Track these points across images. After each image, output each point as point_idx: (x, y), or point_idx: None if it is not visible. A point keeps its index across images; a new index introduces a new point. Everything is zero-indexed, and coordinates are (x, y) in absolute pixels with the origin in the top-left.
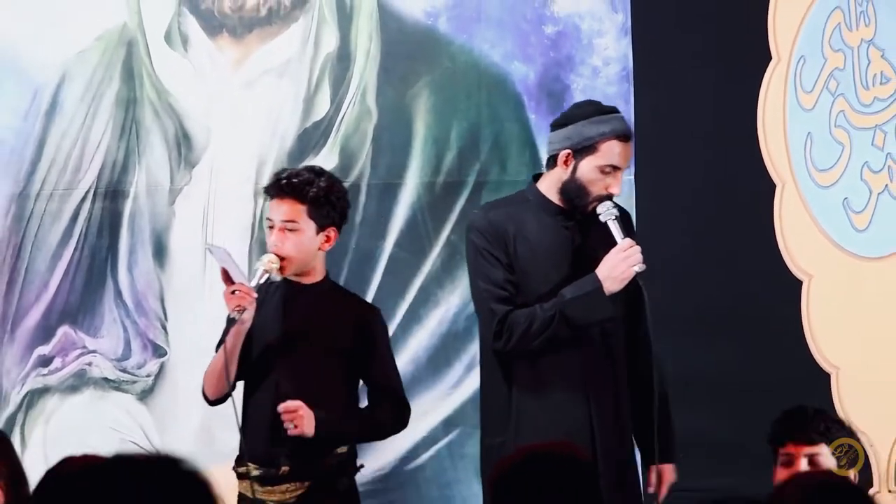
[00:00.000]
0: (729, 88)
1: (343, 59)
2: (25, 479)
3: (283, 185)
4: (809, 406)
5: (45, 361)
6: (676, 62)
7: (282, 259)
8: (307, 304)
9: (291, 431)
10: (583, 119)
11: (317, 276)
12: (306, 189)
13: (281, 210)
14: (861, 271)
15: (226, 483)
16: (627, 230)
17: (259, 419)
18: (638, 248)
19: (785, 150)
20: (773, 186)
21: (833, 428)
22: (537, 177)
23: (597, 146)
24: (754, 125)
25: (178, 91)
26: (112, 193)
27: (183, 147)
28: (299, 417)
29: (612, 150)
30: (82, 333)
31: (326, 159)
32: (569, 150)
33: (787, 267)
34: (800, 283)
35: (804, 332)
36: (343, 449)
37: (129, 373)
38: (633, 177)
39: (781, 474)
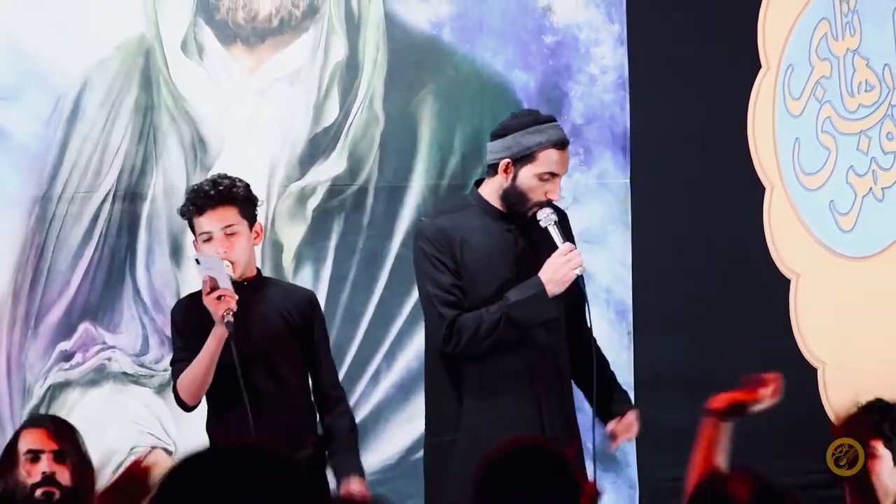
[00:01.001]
0: (720, 95)
1: (351, 67)
2: (91, 465)
3: (213, 194)
4: (883, 399)
5: (67, 356)
6: (670, 70)
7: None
8: (256, 300)
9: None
10: (521, 129)
11: (253, 271)
12: (234, 191)
13: (217, 217)
14: (847, 270)
15: None
16: (566, 233)
17: (243, 418)
18: (578, 251)
19: (774, 154)
20: (763, 189)
21: (886, 424)
22: (479, 182)
23: (535, 155)
24: (745, 131)
25: (193, 98)
26: (131, 196)
27: (198, 151)
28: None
29: (549, 159)
30: (102, 330)
31: (336, 163)
32: (508, 159)
33: (775, 266)
34: (788, 281)
35: (792, 328)
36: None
37: (146, 367)
38: (628, 180)
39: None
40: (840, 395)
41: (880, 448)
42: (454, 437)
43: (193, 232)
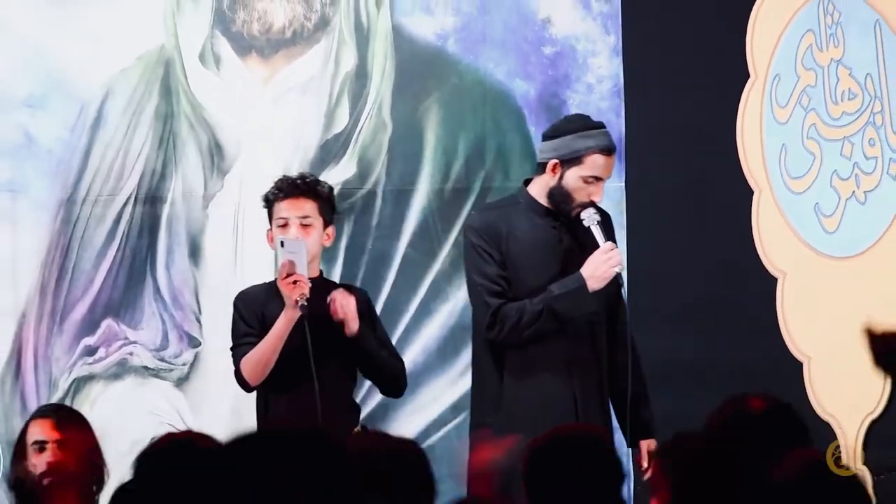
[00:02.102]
0: (711, 103)
1: (361, 76)
2: (99, 452)
3: (300, 184)
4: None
5: (91, 351)
6: (663, 80)
7: None
8: (316, 300)
9: (340, 314)
10: (571, 133)
11: (316, 271)
12: (318, 188)
13: (297, 207)
14: (831, 269)
15: None
16: (608, 233)
17: (297, 404)
18: (618, 250)
19: (762, 159)
20: (751, 192)
21: None
22: (528, 181)
23: (582, 159)
24: (734, 137)
25: (211, 106)
26: (151, 199)
27: (216, 157)
28: (352, 312)
29: (595, 163)
30: (124, 326)
31: (346, 168)
32: (556, 160)
33: (763, 265)
34: (775, 280)
35: (779, 325)
36: (359, 428)
37: (166, 362)
38: (623, 184)
39: None
40: (824, 387)
41: None
42: (493, 420)
43: (270, 219)
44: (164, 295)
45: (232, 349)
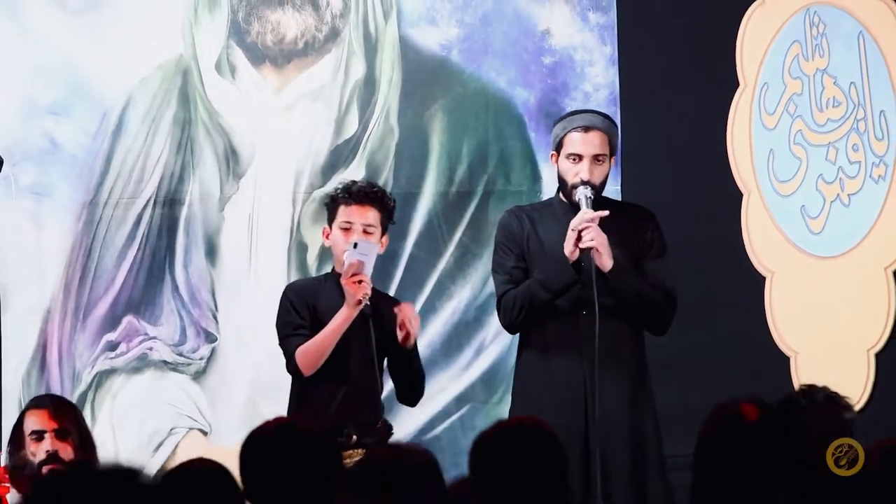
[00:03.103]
0: (703, 110)
1: (369, 85)
2: (93, 443)
3: (369, 193)
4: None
5: (112, 346)
6: (657, 88)
7: None
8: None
9: (406, 327)
10: (558, 123)
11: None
12: (385, 199)
13: (363, 215)
14: (816, 269)
15: None
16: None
17: (329, 396)
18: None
19: (751, 163)
20: (741, 195)
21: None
22: None
23: (562, 141)
24: (724, 142)
25: (227, 113)
26: (170, 201)
27: (231, 161)
28: (416, 330)
29: (571, 140)
30: (144, 322)
31: (355, 172)
32: (553, 152)
33: (752, 265)
34: (763, 278)
35: (767, 321)
36: (380, 423)
37: (184, 356)
38: (619, 187)
39: None
40: (811, 381)
41: None
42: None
43: (331, 219)
44: (182, 293)
45: (283, 338)
